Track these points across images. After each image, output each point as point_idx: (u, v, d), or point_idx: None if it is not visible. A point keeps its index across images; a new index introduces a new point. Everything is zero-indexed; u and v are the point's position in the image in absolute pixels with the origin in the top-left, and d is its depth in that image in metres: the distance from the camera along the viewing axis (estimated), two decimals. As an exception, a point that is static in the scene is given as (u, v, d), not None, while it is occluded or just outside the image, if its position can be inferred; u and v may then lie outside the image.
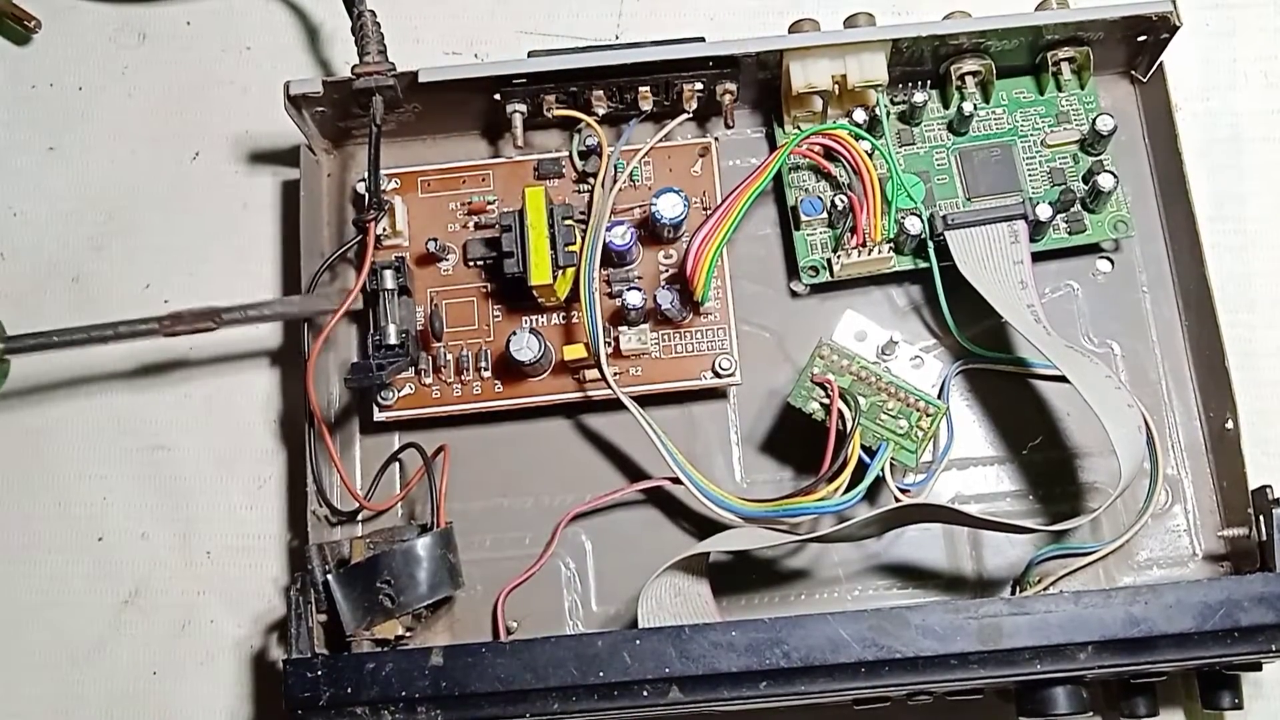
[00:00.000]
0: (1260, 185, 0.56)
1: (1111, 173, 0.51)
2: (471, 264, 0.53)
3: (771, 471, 0.52)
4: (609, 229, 0.50)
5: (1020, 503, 0.52)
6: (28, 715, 0.53)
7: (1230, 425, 0.49)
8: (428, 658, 0.44)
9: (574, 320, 0.53)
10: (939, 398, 0.49)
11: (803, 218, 0.53)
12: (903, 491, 0.49)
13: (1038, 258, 0.52)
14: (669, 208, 0.51)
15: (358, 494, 0.51)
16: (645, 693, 0.43)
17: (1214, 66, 0.58)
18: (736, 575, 0.51)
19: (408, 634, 0.48)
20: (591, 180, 0.54)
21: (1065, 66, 0.54)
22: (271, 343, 0.56)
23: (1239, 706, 0.48)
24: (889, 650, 0.43)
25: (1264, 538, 0.47)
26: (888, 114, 0.54)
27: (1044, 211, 0.50)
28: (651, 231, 0.52)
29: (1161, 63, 0.54)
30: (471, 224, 0.54)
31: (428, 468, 0.49)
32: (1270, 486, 0.47)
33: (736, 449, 0.53)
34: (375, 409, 0.52)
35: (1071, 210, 0.52)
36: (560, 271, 0.50)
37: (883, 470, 0.48)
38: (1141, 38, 0.53)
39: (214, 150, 0.59)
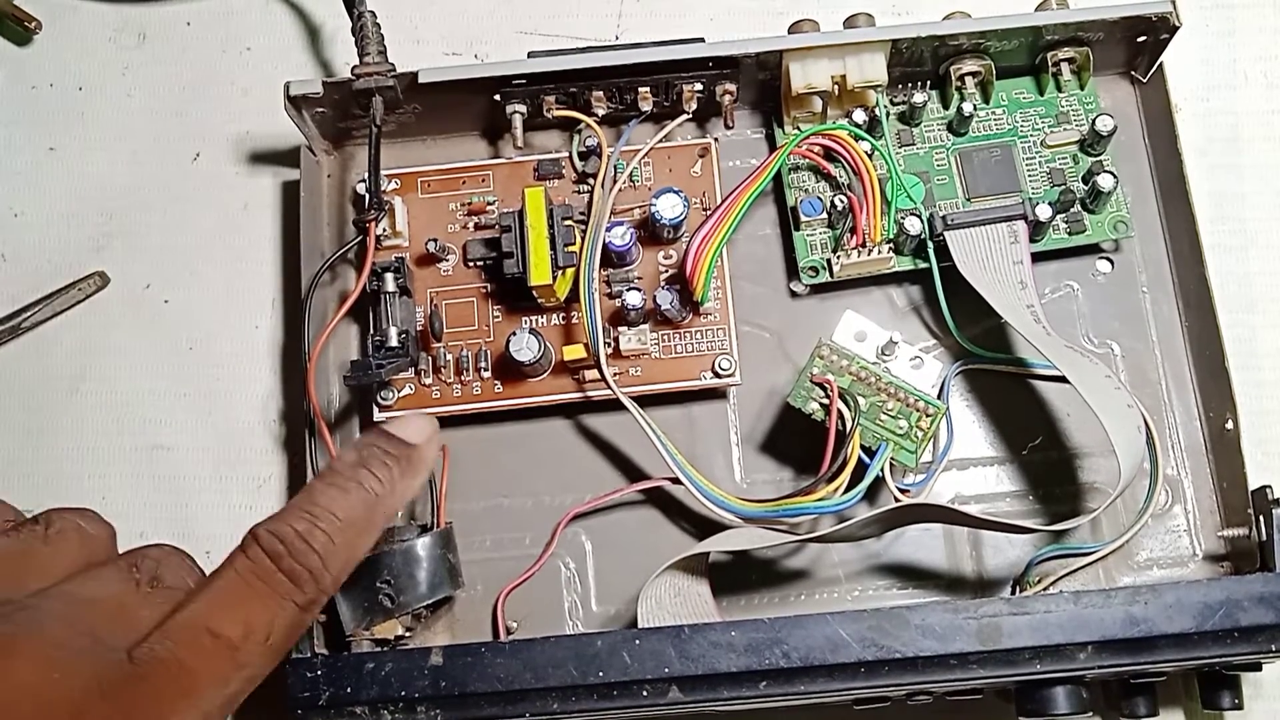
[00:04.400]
0: (1260, 185, 0.56)
1: (1111, 173, 0.51)
2: (471, 264, 0.53)
3: (771, 471, 0.52)
4: (609, 229, 0.50)
5: (1020, 503, 0.52)
6: (28, 715, 0.53)
7: (1230, 425, 0.49)
8: (427, 657, 0.44)
9: (574, 320, 0.53)
10: (939, 398, 0.49)
11: (802, 218, 0.53)
12: (902, 491, 0.49)
13: (1037, 258, 0.52)
14: (668, 208, 0.51)
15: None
16: (645, 693, 0.43)
17: (1214, 66, 0.58)
18: (736, 575, 0.51)
19: (407, 634, 0.48)
20: (591, 181, 0.54)
21: (1065, 67, 0.54)
22: (272, 342, 0.56)
23: (1239, 707, 0.48)
24: (889, 650, 0.43)
25: (1264, 538, 0.47)
26: (887, 114, 0.54)
27: (1044, 212, 0.51)
28: (651, 232, 0.52)
29: (1161, 63, 0.54)
30: (471, 224, 0.54)
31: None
32: (1270, 487, 0.47)
33: (736, 449, 0.53)
34: (375, 409, 0.52)
35: (1071, 210, 0.52)
36: (560, 272, 0.50)
37: (882, 470, 0.48)
38: (1141, 38, 0.53)
39: (214, 151, 0.59)
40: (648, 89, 0.53)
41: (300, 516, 0.38)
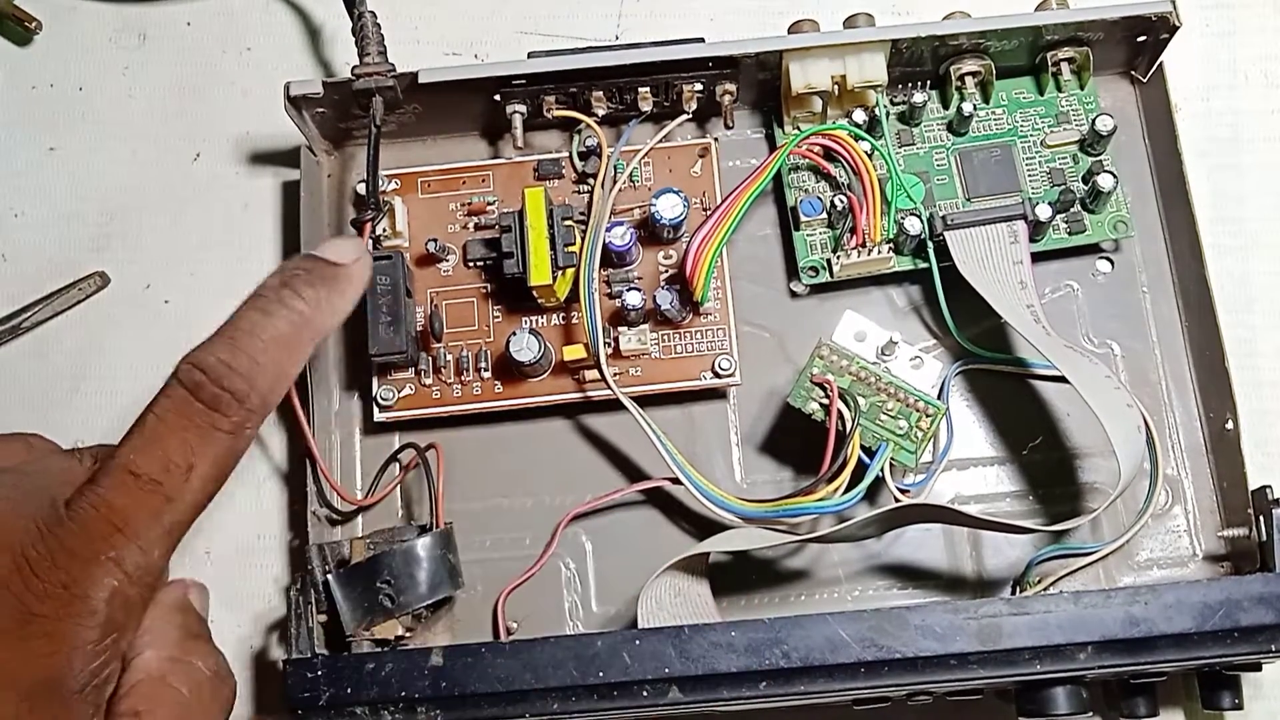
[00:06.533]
0: (1260, 185, 0.56)
1: (1111, 173, 0.51)
2: (471, 264, 0.53)
3: (771, 472, 0.52)
4: (609, 229, 0.50)
5: (1020, 503, 0.52)
6: (28, 715, 0.53)
7: (1230, 425, 0.49)
8: (427, 658, 0.44)
9: (574, 321, 0.53)
10: (939, 398, 0.49)
11: (802, 218, 0.53)
12: (902, 492, 0.49)
13: (1037, 258, 0.52)
14: (668, 208, 0.51)
15: (345, 492, 0.51)
16: (645, 693, 0.43)
17: (1214, 66, 0.58)
18: (736, 575, 0.51)
19: (408, 634, 0.48)
20: (591, 181, 0.54)
21: (1065, 67, 0.54)
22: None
23: (1239, 707, 0.48)
24: (889, 650, 0.43)
25: (1264, 538, 0.47)
26: (887, 114, 0.54)
27: (1044, 212, 0.51)
28: (651, 232, 0.52)
29: (1161, 63, 0.54)
30: (471, 224, 0.54)
31: (425, 466, 0.50)
32: (1270, 487, 0.47)
33: (736, 449, 0.53)
34: (375, 409, 0.52)
35: (1071, 210, 0.52)
36: (560, 272, 0.50)
37: (882, 470, 0.48)
38: (1141, 38, 0.53)
39: (215, 151, 0.59)
40: (648, 89, 0.53)
41: (223, 342, 0.39)
